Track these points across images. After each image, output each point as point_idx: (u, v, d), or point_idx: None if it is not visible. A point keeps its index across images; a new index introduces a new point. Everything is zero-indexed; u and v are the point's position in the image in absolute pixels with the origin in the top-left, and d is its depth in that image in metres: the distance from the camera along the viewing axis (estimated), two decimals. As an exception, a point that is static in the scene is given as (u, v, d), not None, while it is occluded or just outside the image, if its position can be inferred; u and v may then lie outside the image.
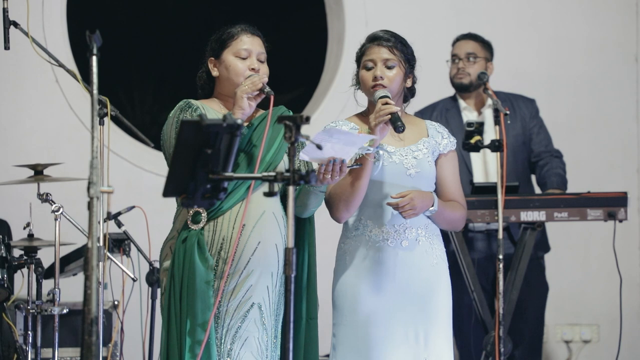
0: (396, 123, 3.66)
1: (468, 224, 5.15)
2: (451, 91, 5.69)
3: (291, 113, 3.76)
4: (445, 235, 5.05)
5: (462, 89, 5.59)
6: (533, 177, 5.68)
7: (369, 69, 3.84)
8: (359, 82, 3.90)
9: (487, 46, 5.63)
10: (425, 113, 5.59)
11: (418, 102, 5.56)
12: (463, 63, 5.55)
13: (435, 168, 3.88)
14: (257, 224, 3.65)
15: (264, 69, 3.77)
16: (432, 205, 3.79)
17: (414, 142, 3.86)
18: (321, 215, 3.87)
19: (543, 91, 6.48)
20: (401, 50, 3.84)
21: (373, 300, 3.76)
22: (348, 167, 3.61)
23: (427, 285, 3.81)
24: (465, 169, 5.48)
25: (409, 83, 3.89)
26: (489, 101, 5.50)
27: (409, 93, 3.92)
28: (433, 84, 6.02)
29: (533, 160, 5.61)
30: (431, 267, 3.83)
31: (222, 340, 3.63)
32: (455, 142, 3.98)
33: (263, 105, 3.75)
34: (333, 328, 3.83)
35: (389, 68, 3.82)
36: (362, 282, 3.78)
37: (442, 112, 5.60)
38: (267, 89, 3.66)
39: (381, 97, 3.73)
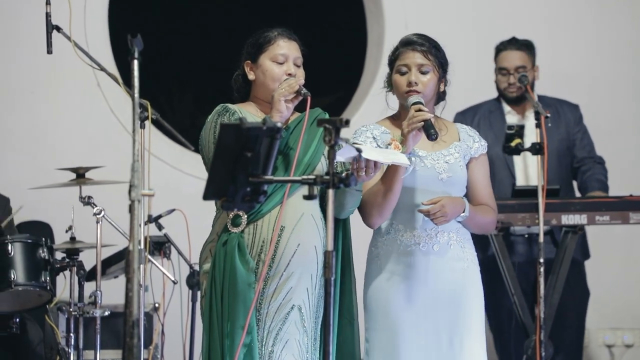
0: (429, 130, 3.63)
1: (509, 227, 5.11)
2: (495, 93, 5.65)
3: (327, 115, 3.76)
4: (485, 239, 5.04)
5: (514, 102, 5.54)
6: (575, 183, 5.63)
7: (402, 74, 3.80)
8: (391, 85, 3.87)
9: (532, 51, 5.56)
10: (468, 115, 5.55)
11: (461, 104, 5.55)
12: (514, 78, 5.47)
13: (466, 172, 3.86)
14: (296, 226, 3.65)
15: (300, 74, 3.76)
16: (464, 211, 3.76)
17: (445, 146, 3.83)
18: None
19: (585, 94, 6.42)
20: (435, 55, 3.80)
21: (405, 305, 3.74)
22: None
23: (459, 289, 3.78)
24: (508, 172, 5.44)
25: (442, 87, 3.86)
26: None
27: (440, 97, 3.90)
28: (475, 86, 6.00)
29: (575, 165, 5.56)
30: (463, 270, 3.80)
31: (264, 343, 3.64)
32: (486, 145, 3.93)
33: (299, 108, 3.76)
34: (366, 333, 3.81)
35: (423, 73, 3.79)
36: (393, 287, 3.76)
37: (485, 114, 5.56)
38: (304, 90, 3.66)
39: (414, 104, 3.71)
